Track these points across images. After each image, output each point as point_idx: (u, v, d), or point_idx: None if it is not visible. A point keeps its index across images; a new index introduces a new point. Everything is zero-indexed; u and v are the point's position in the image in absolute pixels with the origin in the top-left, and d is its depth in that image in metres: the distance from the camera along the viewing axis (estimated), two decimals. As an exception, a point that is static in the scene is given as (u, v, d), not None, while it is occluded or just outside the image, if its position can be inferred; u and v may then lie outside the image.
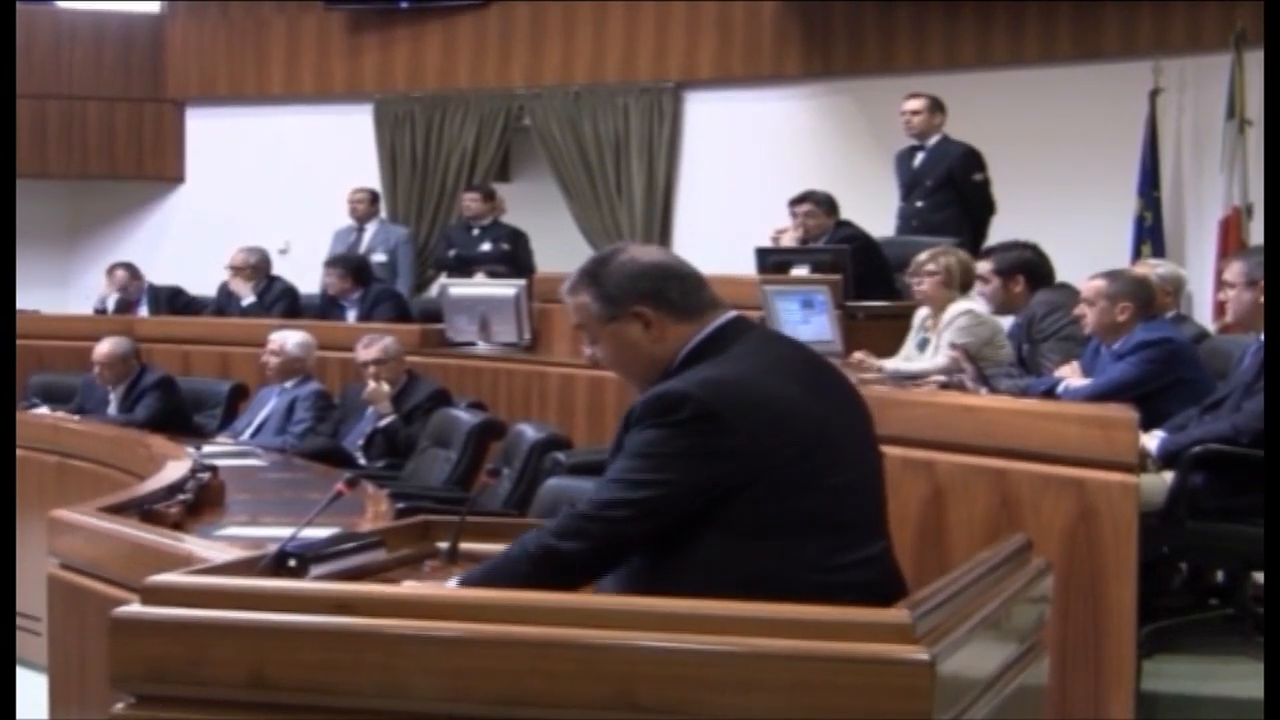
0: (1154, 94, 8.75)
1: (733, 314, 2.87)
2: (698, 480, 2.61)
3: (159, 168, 12.01)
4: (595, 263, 2.89)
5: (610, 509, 2.64)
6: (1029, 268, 5.99)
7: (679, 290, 2.84)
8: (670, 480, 2.62)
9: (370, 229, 10.23)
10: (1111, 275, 5.29)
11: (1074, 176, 9.05)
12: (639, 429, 2.67)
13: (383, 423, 6.98)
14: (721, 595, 2.29)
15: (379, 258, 9.95)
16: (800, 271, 7.11)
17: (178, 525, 4.14)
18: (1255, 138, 8.14)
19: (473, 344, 8.10)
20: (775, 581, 2.50)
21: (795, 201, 8.00)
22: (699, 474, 2.61)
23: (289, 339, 7.46)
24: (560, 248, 10.29)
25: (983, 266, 6.06)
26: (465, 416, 6.62)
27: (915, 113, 8.18)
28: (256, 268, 9.22)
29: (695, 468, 2.61)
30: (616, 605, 2.24)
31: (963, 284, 6.18)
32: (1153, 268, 6.27)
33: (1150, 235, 8.67)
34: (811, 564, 2.61)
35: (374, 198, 10.44)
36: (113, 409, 7.61)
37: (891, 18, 9.81)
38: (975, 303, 6.15)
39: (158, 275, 9.91)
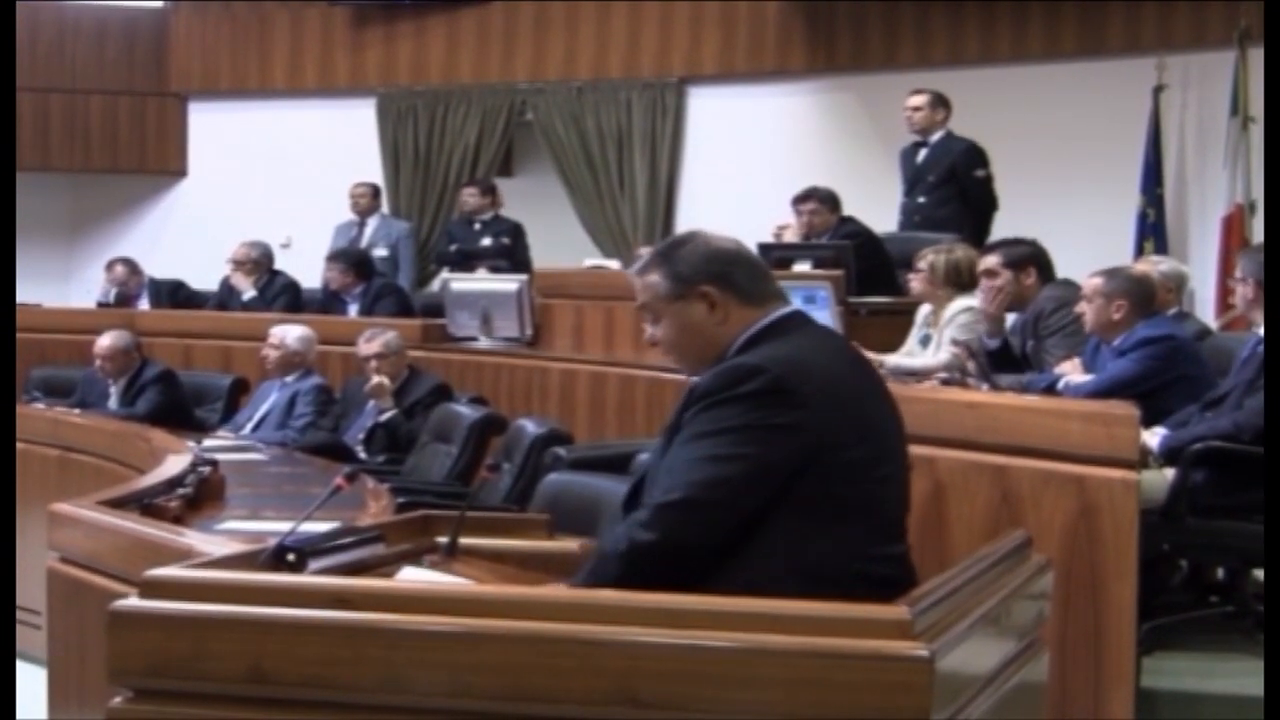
0: (1158, 90, 8.75)
1: (794, 307, 2.94)
2: (774, 455, 2.64)
3: (161, 162, 12.01)
4: (669, 245, 2.97)
5: (706, 489, 2.63)
6: (1039, 260, 5.98)
7: (746, 276, 2.90)
8: (751, 455, 2.63)
9: (372, 223, 10.24)
10: (1109, 273, 5.27)
11: (1077, 173, 9.05)
12: (707, 403, 2.70)
13: (384, 417, 6.98)
14: (777, 576, 2.34)
15: (380, 252, 9.95)
16: (803, 267, 7.09)
17: (178, 519, 4.15)
18: (1259, 135, 8.13)
19: (474, 339, 8.10)
20: (826, 564, 2.55)
21: (799, 198, 7.99)
22: (774, 447, 2.64)
23: (290, 333, 7.45)
24: (563, 243, 10.30)
25: (990, 261, 6.01)
26: (466, 411, 6.62)
27: (917, 109, 8.17)
28: (258, 262, 9.22)
29: (770, 439, 2.64)
30: (616, 600, 2.24)
31: (964, 281, 6.16)
32: (1155, 264, 6.25)
33: (1153, 232, 8.66)
34: (857, 551, 2.66)
35: (376, 192, 10.45)
36: (113, 403, 7.61)
37: (895, 14, 9.80)
38: (978, 299, 6.13)
39: (159, 269, 9.91)
